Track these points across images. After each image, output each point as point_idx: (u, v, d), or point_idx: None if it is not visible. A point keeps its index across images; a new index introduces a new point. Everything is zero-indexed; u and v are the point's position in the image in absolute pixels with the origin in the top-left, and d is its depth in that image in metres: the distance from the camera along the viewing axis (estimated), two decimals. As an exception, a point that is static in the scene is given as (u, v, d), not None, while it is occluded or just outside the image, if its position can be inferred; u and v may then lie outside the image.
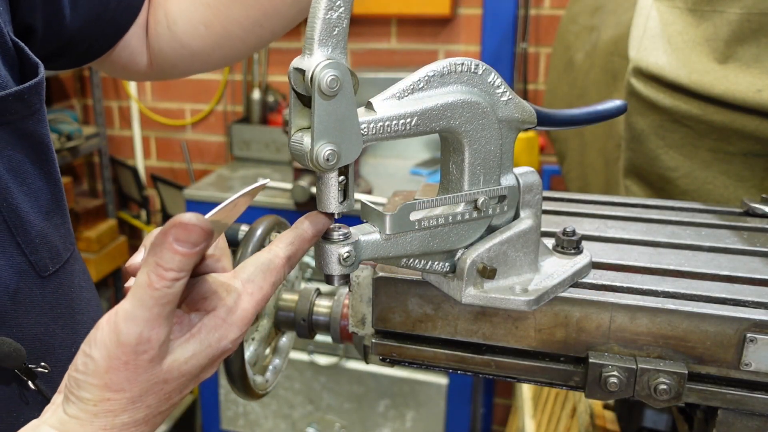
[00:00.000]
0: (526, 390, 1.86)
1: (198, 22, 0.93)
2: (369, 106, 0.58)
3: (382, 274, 0.73)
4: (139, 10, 0.93)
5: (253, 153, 2.82)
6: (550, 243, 0.75)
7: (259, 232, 0.80)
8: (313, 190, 2.22)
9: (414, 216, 0.62)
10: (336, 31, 0.54)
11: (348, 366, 2.42)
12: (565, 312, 0.69)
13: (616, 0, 1.55)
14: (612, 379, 0.67)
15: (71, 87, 3.30)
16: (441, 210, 0.65)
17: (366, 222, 0.63)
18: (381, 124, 0.58)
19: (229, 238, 0.82)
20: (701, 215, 0.92)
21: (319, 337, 0.92)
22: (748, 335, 0.65)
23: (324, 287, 0.89)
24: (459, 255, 0.66)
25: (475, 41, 2.71)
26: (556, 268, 0.71)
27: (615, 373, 0.67)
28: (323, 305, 0.89)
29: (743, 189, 1.20)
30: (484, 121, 0.62)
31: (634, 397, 0.68)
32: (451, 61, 0.61)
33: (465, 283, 0.66)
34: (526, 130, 0.67)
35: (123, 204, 3.48)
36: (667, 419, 1.01)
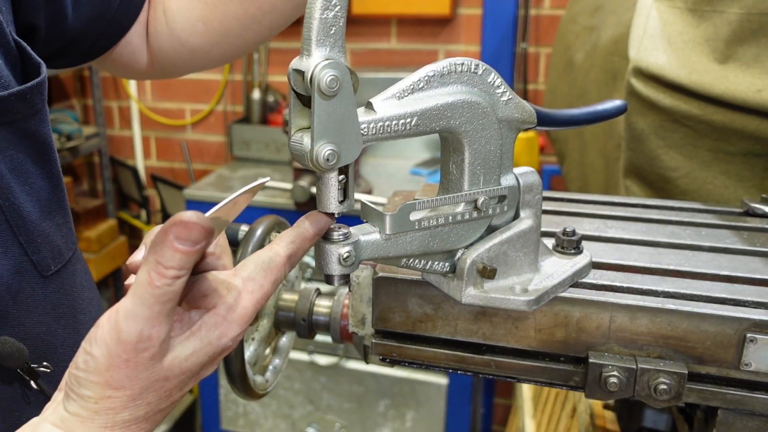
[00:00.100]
0: (526, 390, 1.86)
1: (196, 19, 0.94)
2: (369, 106, 0.58)
3: (382, 274, 0.73)
4: (141, 8, 0.93)
5: (253, 153, 2.81)
6: (550, 243, 0.75)
7: (259, 232, 0.80)
8: (313, 190, 2.22)
9: (414, 216, 0.62)
10: (333, 31, 0.54)
11: (348, 366, 2.42)
12: (565, 312, 0.69)
13: (616, 0, 1.55)
14: (612, 379, 0.67)
15: (71, 87, 3.30)
16: (441, 210, 0.65)
17: (366, 222, 0.63)
18: (381, 124, 0.58)
19: (230, 238, 0.82)
20: (701, 215, 0.92)
21: (319, 337, 0.92)
22: (748, 335, 0.65)
23: (324, 287, 0.89)
24: (459, 255, 0.66)
25: (475, 41, 2.71)
26: (556, 268, 0.71)
27: (615, 373, 0.67)
28: (323, 305, 0.89)
29: (743, 189, 1.20)
30: (484, 121, 0.62)
31: (634, 397, 0.68)
32: (451, 61, 0.61)
33: (465, 283, 0.66)
34: (526, 130, 0.67)
35: (123, 204, 3.48)
36: (667, 419, 1.01)
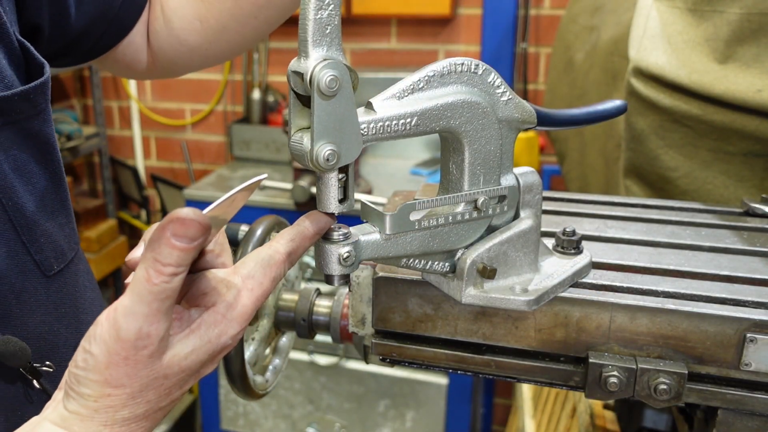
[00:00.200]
0: (526, 390, 1.86)
1: (192, 17, 0.94)
2: (369, 106, 0.58)
3: (382, 274, 0.73)
4: (144, 7, 0.93)
5: (253, 153, 2.82)
6: (550, 243, 0.75)
7: (259, 231, 0.80)
8: (313, 190, 2.22)
9: (414, 216, 0.62)
10: (329, 30, 0.54)
11: (348, 366, 2.42)
12: (565, 312, 0.69)
13: (616, 0, 1.55)
14: (612, 379, 0.67)
15: (71, 87, 3.30)
16: (441, 210, 0.65)
17: (366, 222, 0.63)
18: (381, 124, 0.58)
19: (230, 238, 0.82)
20: (701, 215, 0.92)
21: (319, 337, 0.92)
22: (748, 335, 0.65)
23: (324, 287, 0.89)
24: (459, 255, 0.66)
25: (475, 41, 2.71)
26: (556, 268, 0.71)
27: (615, 373, 0.67)
28: (323, 305, 0.89)
29: (743, 189, 1.20)
30: (484, 121, 0.62)
31: (634, 397, 0.68)
32: (451, 61, 0.61)
33: (465, 283, 0.66)
34: (526, 130, 0.67)
35: (123, 204, 3.48)
36: (667, 419, 1.01)
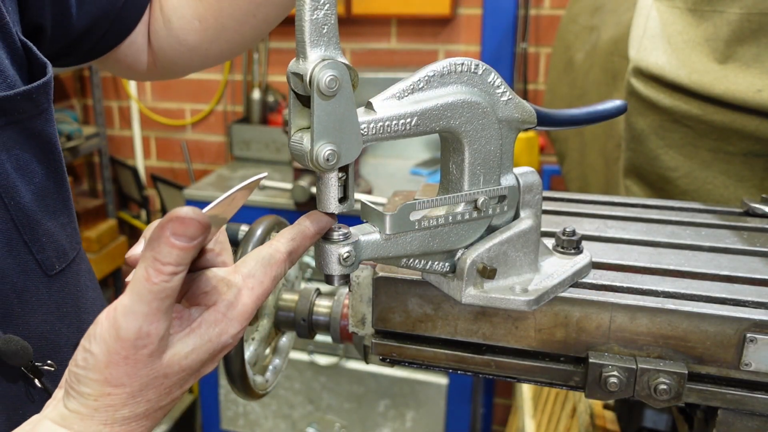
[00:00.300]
0: (526, 390, 1.86)
1: (191, 17, 0.94)
2: (369, 106, 0.58)
3: (382, 274, 0.73)
4: (145, 7, 0.93)
5: (253, 153, 2.81)
6: (550, 243, 0.75)
7: (260, 231, 0.80)
8: (313, 190, 2.22)
9: (414, 216, 0.62)
10: (326, 30, 0.54)
11: (348, 366, 2.42)
12: (565, 312, 0.69)
13: (616, 0, 1.55)
14: (612, 379, 0.67)
15: (71, 87, 3.30)
16: (441, 210, 0.65)
17: (366, 222, 0.63)
18: (381, 124, 0.58)
19: (230, 237, 0.82)
20: (701, 215, 0.92)
21: (319, 337, 0.92)
22: (748, 335, 0.65)
23: (324, 287, 0.89)
24: (459, 255, 0.66)
25: (475, 41, 2.71)
26: (556, 268, 0.71)
27: (615, 373, 0.67)
28: (323, 305, 0.89)
29: (743, 189, 1.20)
30: (484, 121, 0.62)
31: (634, 397, 0.68)
32: (451, 61, 0.61)
33: (465, 283, 0.66)
34: (526, 130, 0.67)
35: (123, 204, 3.48)
36: (667, 419, 1.01)
